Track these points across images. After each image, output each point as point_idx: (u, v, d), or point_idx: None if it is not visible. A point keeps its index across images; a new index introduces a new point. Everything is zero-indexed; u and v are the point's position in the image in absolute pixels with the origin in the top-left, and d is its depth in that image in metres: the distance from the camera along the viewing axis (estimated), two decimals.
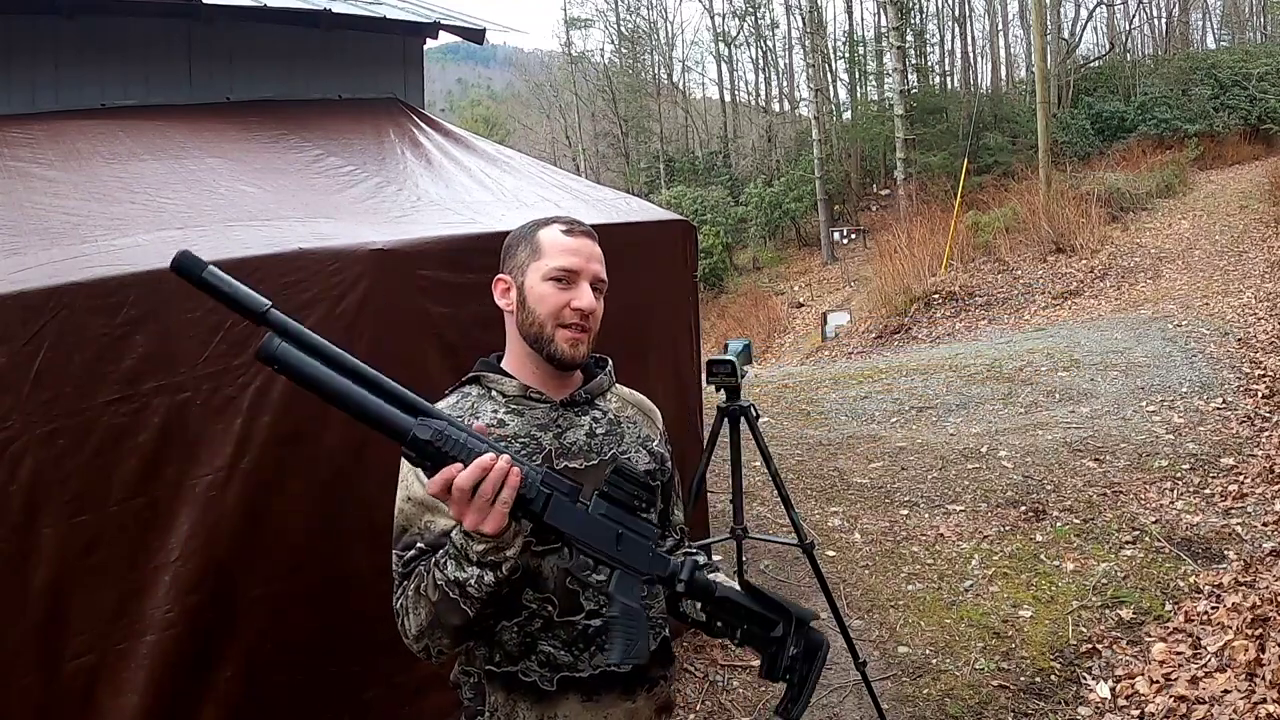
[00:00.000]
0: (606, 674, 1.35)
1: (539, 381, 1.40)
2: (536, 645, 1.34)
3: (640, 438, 1.47)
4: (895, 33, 20.72)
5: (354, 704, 2.19)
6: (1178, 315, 9.15)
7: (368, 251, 2.17)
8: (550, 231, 1.40)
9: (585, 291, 1.36)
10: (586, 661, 1.35)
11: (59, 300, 1.83)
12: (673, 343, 3.40)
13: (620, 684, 1.37)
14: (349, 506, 2.16)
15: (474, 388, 1.43)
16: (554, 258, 1.37)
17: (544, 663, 1.34)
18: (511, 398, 1.39)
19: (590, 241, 1.40)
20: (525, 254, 1.40)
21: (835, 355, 12.90)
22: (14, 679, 1.78)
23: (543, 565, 1.34)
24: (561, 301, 1.35)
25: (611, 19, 31.87)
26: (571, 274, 1.36)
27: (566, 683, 1.34)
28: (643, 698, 1.41)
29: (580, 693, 1.35)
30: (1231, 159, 18.23)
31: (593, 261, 1.39)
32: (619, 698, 1.38)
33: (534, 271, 1.37)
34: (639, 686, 1.40)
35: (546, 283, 1.36)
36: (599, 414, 1.44)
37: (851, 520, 4.88)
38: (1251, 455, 5.17)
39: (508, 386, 1.40)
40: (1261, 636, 3.12)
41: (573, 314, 1.35)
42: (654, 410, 1.56)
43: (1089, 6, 24.04)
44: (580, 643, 1.34)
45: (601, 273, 1.40)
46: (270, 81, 3.96)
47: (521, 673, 1.34)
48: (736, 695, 3.32)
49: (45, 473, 1.80)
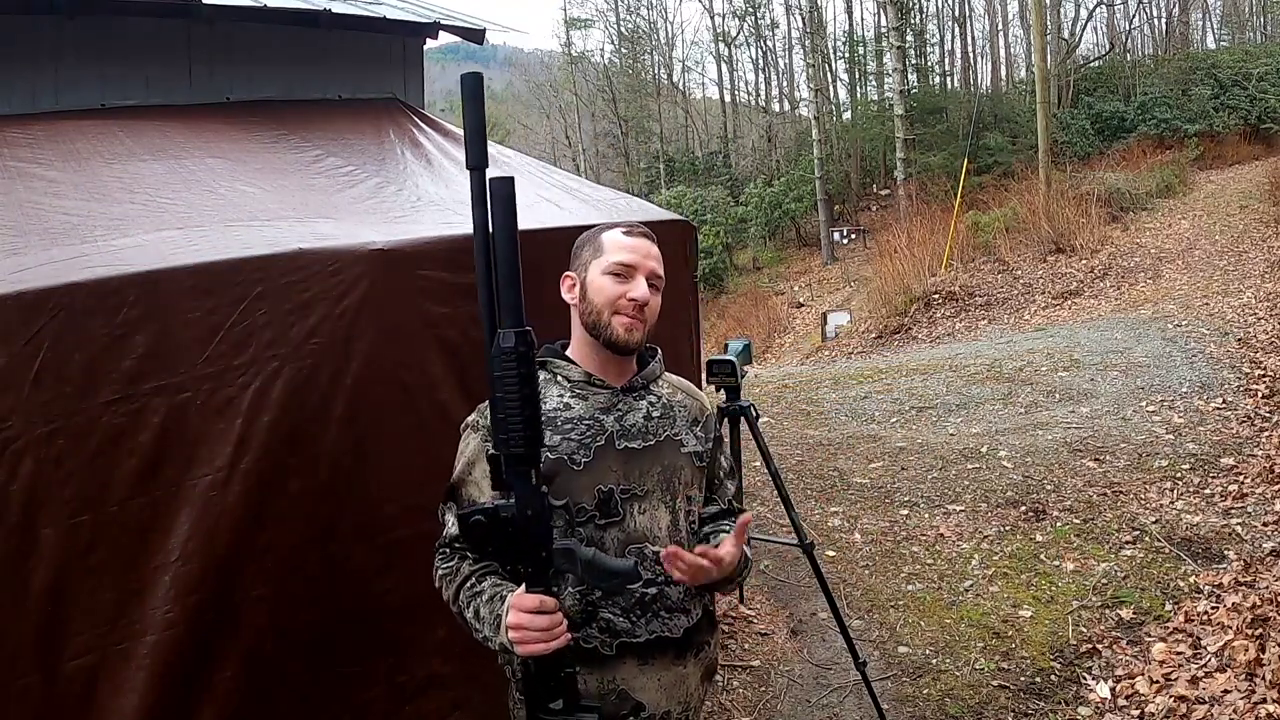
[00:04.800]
0: (661, 639, 1.48)
1: (599, 369, 1.53)
2: (597, 613, 1.44)
3: (690, 420, 1.59)
4: (895, 33, 20.73)
5: (354, 704, 2.19)
6: (1178, 315, 9.15)
7: (368, 251, 2.17)
8: (613, 233, 1.54)
9: (640, 284, 1.48)
10: (643, 627, 1.46)
11: (59, 300, 1.83)
12: (673, 343, 3.38)
13: (673, 648, 1.49)
14: (349, 506, 2.16)
15: (540, 372, 1.51)
16: (614, 254, 1.50)
17: (604, 629, 1.45)
18: (576, 383, 1.52)
19: (648, 242, 1.53)
20: (589, 253, 1.54)
21: (835, 355, 12.90)
22: (14, 679, 1.78)
23: (605, 536, 1.45)
24: (618, 292, 1.48)
25: (611, 19, 31.90)
26: (629, 268, 1.49)
27: (624, 648, 1.45)
28: (692, 662, 1.53)
29: (637, 657, 1.46)
30: (1231, 159, 18.22)
31: (649, 259, 1.51)
32: (671, 661, 1.49)
33: (595, 267, 1.51)
34: (688, 651, 1.52)
35: (605, 276, 1.49)
36: (654, 399, 1.56)
37: (851, 520, 4.88)
38: (1251, 455, 5.17)
39: (573, 373, 1.53)
40: (1261, 636, 3.12)
41: (628, 304, 1.47)
42: (701, 395, 1.68)
43: (1089, 6, 24.05)
44: (638, 609, 1.46)
45: (658, 269, 1.52)
46: (270, 81, 3.96)
47: (583, 640, 1.42)
48: (736, 695, 3.32)
49: (45, 473, 1.80)
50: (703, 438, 1.60)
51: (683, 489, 1.53)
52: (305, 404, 2.06)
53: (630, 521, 1.46)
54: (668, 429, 1.54)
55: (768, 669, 3.49)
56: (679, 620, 1.49)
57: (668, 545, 1.44)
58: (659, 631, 1.47)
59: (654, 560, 1.44)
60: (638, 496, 1.47)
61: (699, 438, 1.59)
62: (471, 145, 1.28)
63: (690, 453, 1.56)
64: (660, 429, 1.53)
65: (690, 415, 1.60)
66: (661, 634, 1.47)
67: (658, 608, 1.47)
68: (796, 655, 3.59)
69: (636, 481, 1.48)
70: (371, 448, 2.16)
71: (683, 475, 1.54)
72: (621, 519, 1.46)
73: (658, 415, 1.54)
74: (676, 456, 1.53)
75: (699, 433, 1.59)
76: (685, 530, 1.53)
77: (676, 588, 1.47)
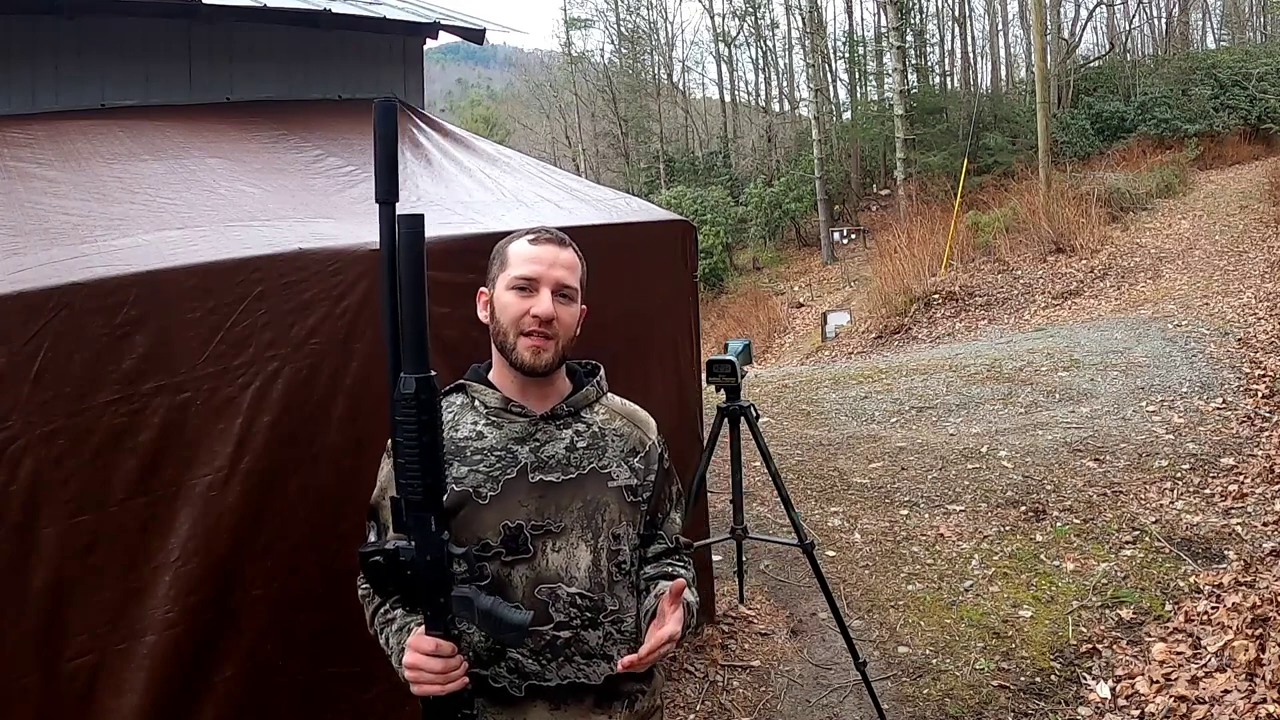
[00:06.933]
0: (575, 684, 1.38)
1: (520, 394, 1.42)
2: (505, 652, 1.37)
3: (626, 450, 1.46)
4: (895, 33, 20.73)
5: (354, 704, 2.19)
6: (1178, 315, 9.15)
7: (368, 251, 2.17)
8: (518, 243, 1.42)
9: (544, 299, 1.36)
10: (554, 671, 1.37)
11: (59, 300, 1.83)
12: (673, 343, 3.39)
13: (592, 695, 1.39)
14: (349, 506, 2.15)
15: (459, 396, 1.45)
16: (516, 267, 1.39)
17: (512, 669, 1.37)
18: (492, 409, 1.41)
19: (555, 248, 1.40)
20: (496, 267, 1.43)
21: (835, 355, 12.90)
22: (14, 679, 1.78)
23: (512, 574, 1.37)
24: (522, 309, 1.36)
25: (611, 19, 31.89)
26: (532, 281, 1.37)
27: (534, 690, 1.37)
28: (621, 713, 1.42)
29: (548, 701, 1.37)
30: (1231, 159, 18.22)
31: (555, 268, 1.38)
32: (590, 709, 1.40)
33: (501, 282, 1.40)
34: (613, 700, 1.41)
35: (509, 291, 1.38)
36: (582, 427, 1.44)
37: (851, 520, 4.88)
38: (1251, 455, 5.17)
39: (489, 398, 1.42)
40: (1261, 636, 3.12)
41: (531, 321, 1.36)
42: (648, 421, 1.54)
43: (1089, 6, 24.05)
44: (548, 652, 1.37)
45: (568, 279, 1.40)
46: (270, 81, 3.96)
47: (491, 678, 1.37)
48: (736, 695, 3.32)
49: (45, 473, 1.80)
50: (640, 470, 1.46)
51: (607, 526, 1.41)
52: (305, 404, 2.06)
53: (541, 559, 1.36)
54: (594, 461, 1.42)
55: (768, 669, 3.49)
56: (598, 667, 1.39)
57: (585, 586, 1.38)
58: (571, 677, 1.37)
59: (568, 603, 1.37)
60: (552, 533, 1.37)
61: (634, 470, 1.45)
62: (381, 178, 1.21)
63: (619, 487, 1.43)
64: (585, 461, 1.41)
65: (628, 445, 1.46)
66: (575, 680, 1.37)
67: (571, 652, 1.37)
68: (796, 655, 3.59)
69: (552, 517, 1.37)
70: (371, 448, 2.16)
71: (607, 512, 1.41)
72: (532, 556, 1.36)
73: (583, 445, 1.42)
74: (602, 491, 1.41)
75: (636, 464, 1.46)
76: (607, 571, 1.41)
77: (595, 631, 1.39)
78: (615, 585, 1.42)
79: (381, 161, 1.21)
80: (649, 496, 1.48)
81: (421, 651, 1.22)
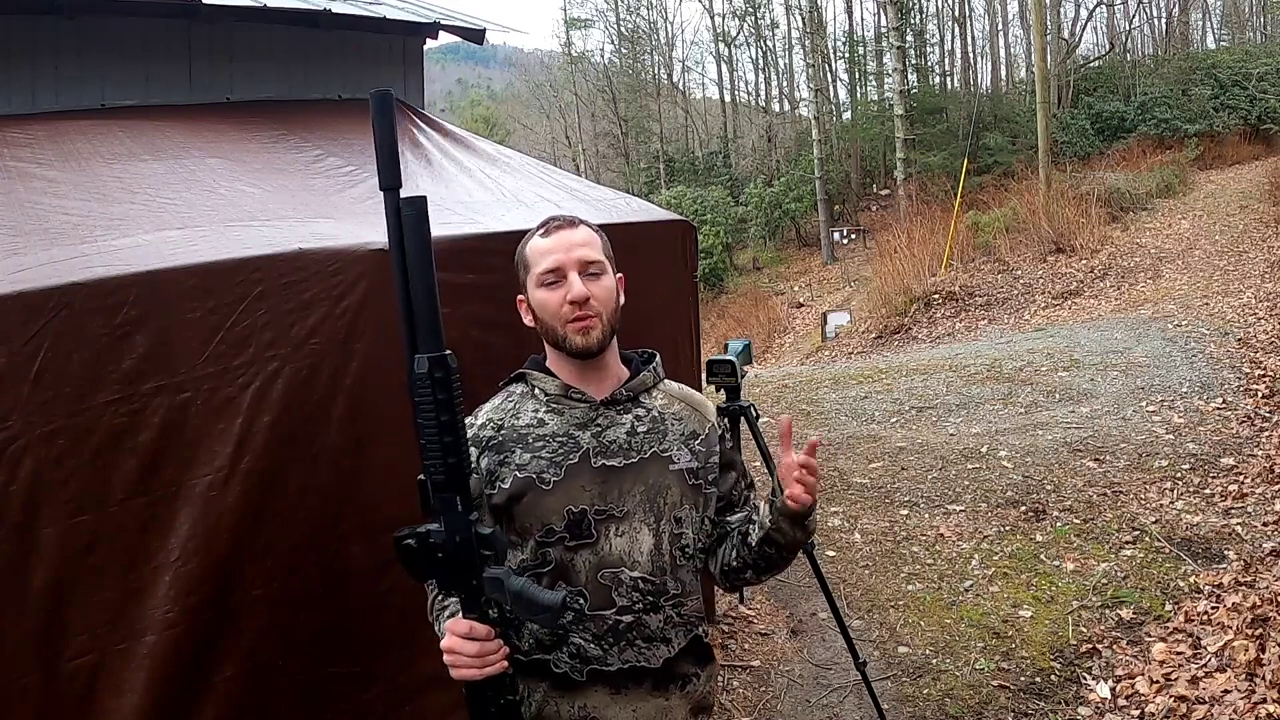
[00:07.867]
0: (636, 669, 1.40)
1: (578, 380, 1.44)
2: (568, 637, 1.38)
3: (686, 434, 1.48)
4: (895, 33, 20.73)
5: (355, 704, 2.19)
6: (1178, 315, 9.15)
7: (368, 251, 2.17)
8: (533, 241, 1.46)
9: (574, 282, 1.39)
10: (615, 655, 1.39)
11: (59, 300, 1.83)
12: (673, 343, 3.39)
13: (650, 679, 1.41)
14: (349, 506, 2.16)
15: (519, 386, 1.49)
16: (538, 263, 1.42)
17: (574, 654, 1.39)
18: (552, 396, 1.44)
19: (567, 231, 1.44)
20: (522, 271, 1.46)
21: (835, 355, 12.90)
22: (14, 679, 1.78)
23: (575, 559, 1.39)
24: (558, 300, 1.39)
25: (611, 19, 31.88)
26: (557, 272, 1.40)
27: (596, 675, 1.39)
28: (676, 695, 1.44)
29: (609, 685, 1.39)
30: (1231, 159, 18.22)
31: (573, 250, 1.41)
32: (650, 693, 1.41)
33: (531, 284, 1.44)
34: (670, 683, 1.44)
35: (541, 290, 1.42)
36: (642, 411, 1.46)
37: (851, 520, 4.88)
38: (1251, 455, 5.17)
39: (549, 385, 1.44)
40: (1261, 636, 3.12)
41: (570, 309, 1.38)
42: (706, 404, 1.57)
43: (1089, 6, 24.05)
44: (610, 637, 1.39)
45: (589, 254, 1.42)
46: (270, 81, 3.96)
47: (553, 663, 1.39)
48: (736, 695, 3.32)
49: (45, 473, 1.80)
50: (701, 452, 1.47)
51: (669, 510, 1.42)
52: (305, 404, 2.06)
53: (605, 544, 1.38)
54: (655, 445, 1.43)
55: (768, 669, 3.49)
56: (658, 650, 1.41)
57: (648, 570, 1.39)
58: (633, 661, 1.39)
59: (630, 587, 1.38)
60: (615, 518, 1.38)
61: (695, 453, 1.47)
62: (383, 165, 1.23)
63: (681, 470, 1.44)
64: (646, 445, 1.42)
65: (687, 429, 1.48)
66: (636, 664, 1.39)
67: (633, 636, 1.39)
68: (796, 655, 3.60)
69: (615, 502, 1.39)
70: (371, 448, 2.16)
71: (670, 495, 1.42)
72: (595, 541, 1.37)
73: (644, 430, 1.44)
74: (664, 475, 1.42)
75: (697, 447, 1.47)
76: (669, 554, 1.42)
77: (657, 615, 1.40)
78: (678, 569, 1.44)
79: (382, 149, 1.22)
80: (714, 479, 1.50)
81: (456, 634, 1.22)
